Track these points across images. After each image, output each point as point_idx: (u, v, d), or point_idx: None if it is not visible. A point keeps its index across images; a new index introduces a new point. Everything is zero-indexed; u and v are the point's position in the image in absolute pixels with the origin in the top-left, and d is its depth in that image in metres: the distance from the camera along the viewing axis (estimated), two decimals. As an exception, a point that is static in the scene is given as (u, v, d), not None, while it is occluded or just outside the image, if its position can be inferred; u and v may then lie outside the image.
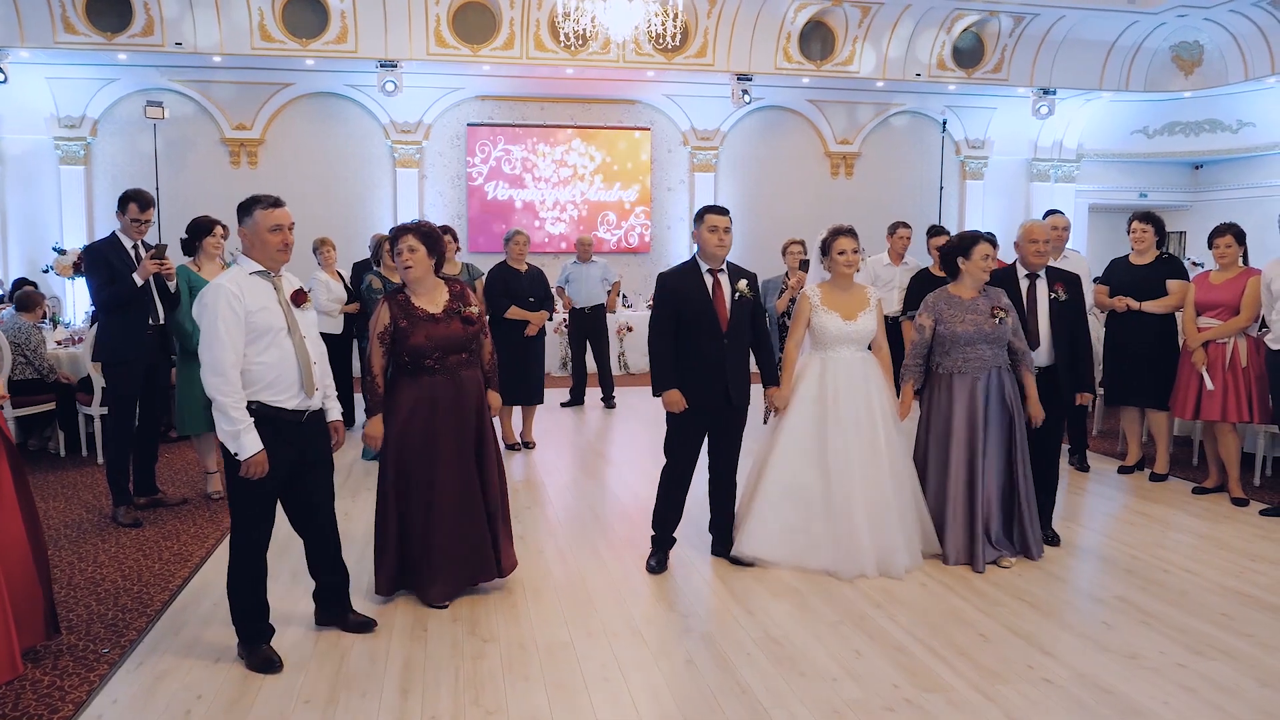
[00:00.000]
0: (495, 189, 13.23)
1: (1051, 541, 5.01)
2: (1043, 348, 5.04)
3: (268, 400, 3.50)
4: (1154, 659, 3.65)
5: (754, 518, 4.66)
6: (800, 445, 4.61)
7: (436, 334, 4.06)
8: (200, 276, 5.62)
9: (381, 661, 3.63)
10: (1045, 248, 5.07)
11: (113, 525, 5.32)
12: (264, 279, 3.58)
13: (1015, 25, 12.76)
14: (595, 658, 3.67)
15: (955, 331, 4.70)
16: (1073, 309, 5.08)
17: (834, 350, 4.71)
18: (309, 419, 3.65)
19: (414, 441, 4.09)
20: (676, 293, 4.59)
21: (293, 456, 3.59)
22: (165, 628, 3.93)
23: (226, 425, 3.41)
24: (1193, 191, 14.94)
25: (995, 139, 14.60)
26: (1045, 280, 5.10)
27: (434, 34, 11.78)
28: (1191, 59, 13.19)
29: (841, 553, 4.51)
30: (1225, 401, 5.82)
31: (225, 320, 3.40)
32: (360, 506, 5.82)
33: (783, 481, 4.60)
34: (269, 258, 3.58)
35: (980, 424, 4.67)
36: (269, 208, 3.59)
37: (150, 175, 12.09)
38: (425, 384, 4.09)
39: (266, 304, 3.52)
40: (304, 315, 3.66)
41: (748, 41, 12.44)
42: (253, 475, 3.43)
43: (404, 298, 4.11)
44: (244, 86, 12.54)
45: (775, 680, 3.48)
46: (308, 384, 3.56)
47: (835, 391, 4.63)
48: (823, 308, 4.71)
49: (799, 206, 13.76)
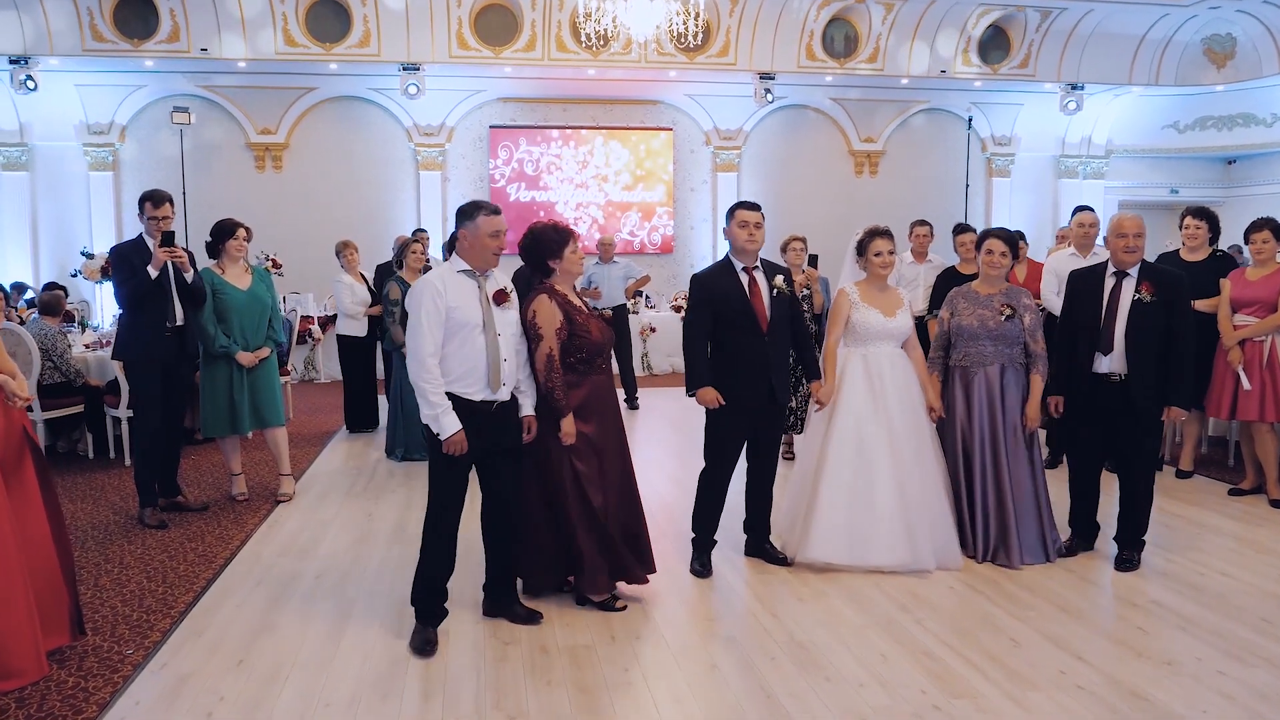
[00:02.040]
0: (518, 191, 13.25)
1: (1127, 567, 4.63)
2: (1116, 353, 4.57)
3: (458, 391, 3.70)
4: (1191, 666, 3.56)
5: (817, 522, 4.56)
6: (855, 443, 4.57)
7: (606, 332, 4.13)
8: (223, 278, 5.65)
9: (403, 664, 3.61)
10: (1135, 243, 4.54)
11: (139, 527, 5.34)
12: (470, 278, 3.78)
13: (1042, 19, 12.60)
14: (618, 661, 3.62)
15: (960, 325, 4.79)
16: (1163, 313, 4.49)
17: (875, 346, 4.69)
18: (498, 410, 3.80)
19: (597, 440, 4.06)
20: (713, 292, 4.54)
21: (483, 445, 3.76)
22: (189, 629, 3.92)
23: (427, 409, 3.66)
24: (1225, 187, 14.68)
25: (1022, 135, 14.43)
26: (1135, 280, 4.59)
27: (456, 36, 11.81)
28: (1224, 51, 12.97)
29: (904, 550, 4.50)
30: (1263, 401, 5.68)
31: (428, 313, 3.65)
32: (384, 507, 5.82)
33: (841, 482, 4.55)
34: (482, 260, 3.78)
35: (971, 420, 4.72)
36: (491, 214, 3.78)
37: (177, 180, 12.18)
38: (595, 382, 4.10)
39: (467, 301, 3.72)
40: (503, 314, 3.81)
41: (770, 40, 12.37)
42: (454, 453, 3.66)
43: (562, 294, 4.07)
44: (268, 91, 12.64)
45: (800, 685, 3.42)
46: (494, 379, 3.74)
47: (882, 387, 4.63)
48: (864, 304, 4.70)
49: (823, 206, 13.67)
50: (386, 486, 6.37)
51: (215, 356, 5.62)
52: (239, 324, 5.63)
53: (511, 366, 3.82)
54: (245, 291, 5.69)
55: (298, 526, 5.42)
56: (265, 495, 6.05)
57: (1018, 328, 4.71)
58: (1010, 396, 4.72)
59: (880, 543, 4.51)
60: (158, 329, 5.35)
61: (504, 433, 3.86)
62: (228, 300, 5.61)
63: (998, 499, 4.70)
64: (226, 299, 5.61)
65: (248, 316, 5.66)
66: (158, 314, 5.35)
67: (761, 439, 4.70)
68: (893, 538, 4.51)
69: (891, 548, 4.51)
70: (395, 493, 6.19)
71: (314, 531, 5.32)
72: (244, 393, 5.66)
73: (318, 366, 11.65)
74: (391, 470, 6.84)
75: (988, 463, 4.72)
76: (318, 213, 12.77)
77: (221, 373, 5.64)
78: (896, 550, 4.51)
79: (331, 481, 6.52)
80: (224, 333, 5.59)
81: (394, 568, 4.70)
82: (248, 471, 6.52)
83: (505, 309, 3.83)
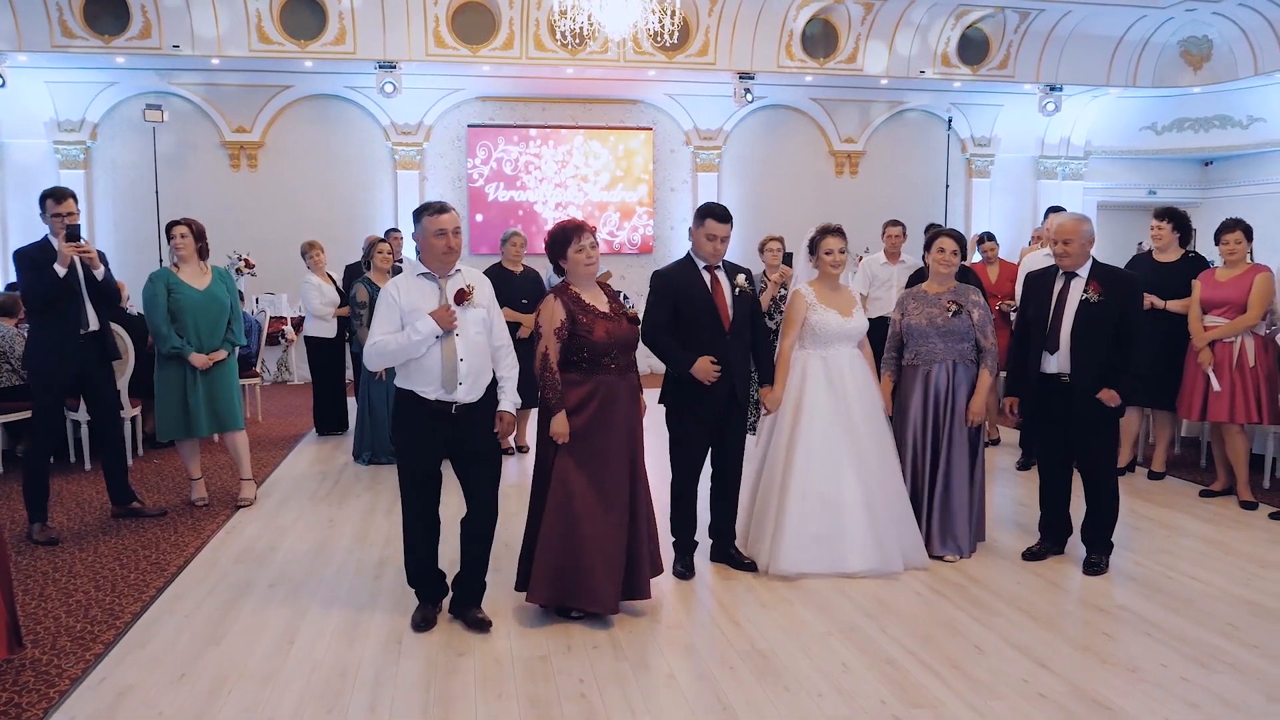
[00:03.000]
0: (496, 190, 13.14)
1: (1094, 570, 4.58)
2: (1062, 352, 4.56)
3: (414, 389, 3.77)
4: (1155, 672, 3.50)
5: (787, 531, 4.45)
6: (821, 449, 4.49)
7: (615, 331, 4.02)
8: (178, 277, 5.52)
9: (352, 676, 3.51)
10: (1065, 248, 4.54)
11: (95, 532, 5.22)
12: (430, 280, 3.82)
13: (1021, 21, 12.58)
14: (573, 672, 3.54)
15: (910, 325, 4.81)
16: (1112, 312, 4.48)
17: (834, 348, 4.62)
18: (461, 412, 3.79)
19: (595, 441, 3.94)
20: (676, 289, 4.47)
21: (447, 445, 3.82)
22: (133, 641, 3.81)
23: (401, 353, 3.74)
24: (1203, 188, 14.71)
25: (1001, 136, 14.41)
26: (1084, 280, 4.56)
27: (433, 34, 11.70)
28: (1200, 54, 12.98)
29: (874, 553, 4.45)
30: (1233, 402, 5.65)
31: (380, 315, 3.80)
32: (347, 513, 5.71)
33: (810, 489, 4.45)
34: (435, 260, 3.81)
35: (923, 416, 4.74)
36: (434, 214, 3.80)
37: (150, 179, 12.05)
38: (601, 382, 3.99)
39: (424, 303, 3.76)
40: (465, 313, 3.81)
41: (749, 40, 12.30)
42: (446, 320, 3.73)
43: (574, 293, 4.03)
44: (243, 89, 12.49)
45: (757, 695, 3.34)
46: (449, 379, 3.73)
47: (844, 389, 4.57)
48: (820, 305, 4.62)
49: (803, 206, 13.59)
50: (351, 491, 6.26)
51: (167, 357, 5.49)
52: (193, 324, 5.50)
53: (473, 366, 3.78)
54: (201, 291, 5.56)
55: (256, 532, 5.31)
56: (226, 500, 5.94)
57: (965, 324, 4.72)
58: (960, 393, 4.75)
59: (851, 548, 4.44)
60: (69, 338, 5.12)
61: (471, 435, 3.83)
62: (181, 300, 5.48)
63: (944, 493, 4.71)
64: (180, 298, 5.48)
65: (203, 317, 5.53)
66: (70, 320, 5.12)
67: (726, 443, 4.62)
68: (862, 542, 4.44)
69: (862, 553, 4.44)
70: (360, 498, 6.09)
71: (272, 538, 5.21)
72: (199, 395, 5.53)
73: (290, 368, 11.51)
74: (358, 474, 6.73)
75: (939, 458, 4.73)
76: (293, 212, 12.63)
77: (175, 374, 5.52)
78: (867, 555, 4.45)
79: (296, 485, 6.41)
80: (178, 333, 5.47)
81: (351, 575, 4.61)
82: (210, 476, 6.42)
83: (469, 308, 3.80)
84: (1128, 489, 6.17)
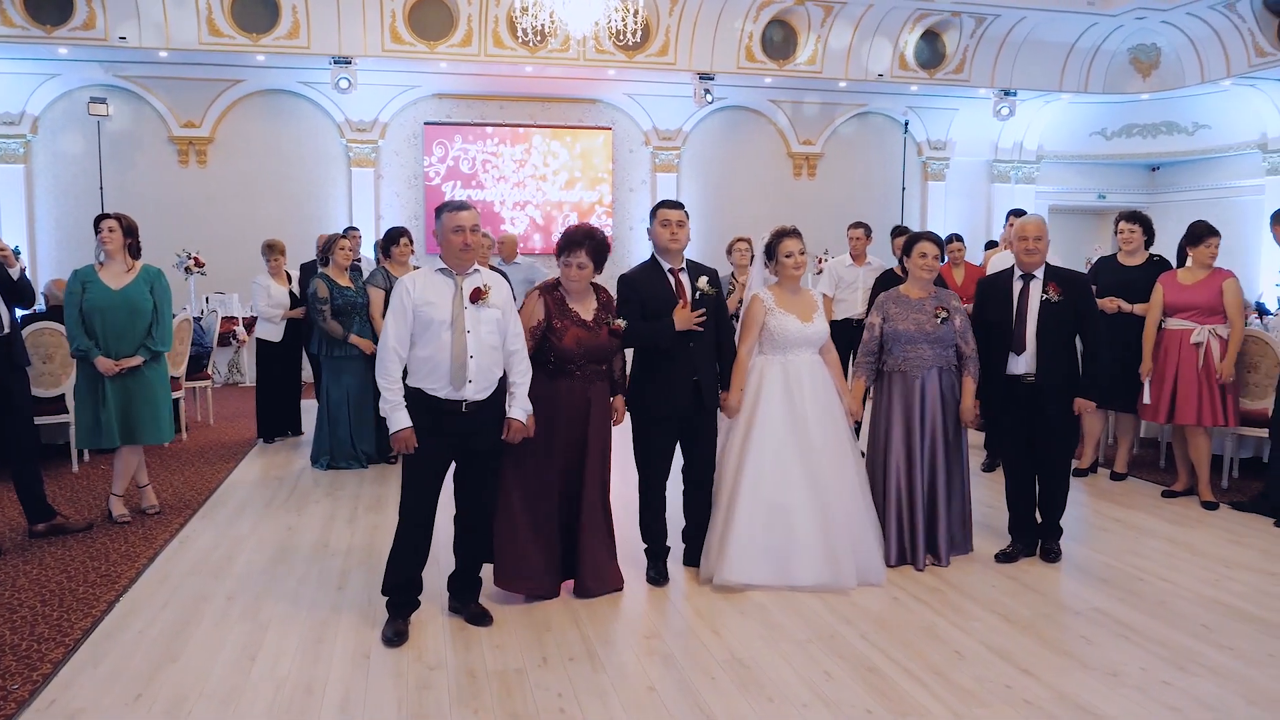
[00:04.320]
0: (453, 189, 12.94)
1: (1053, 558, 4.78)
2: (1028, 354, 4.66)
3: (424, 387, 3.77)
4: (1136, 676, 3.50)
5: (734, 542, 4.34)
6: (775, 459, 4.38)
7: (586, 341, 4.11)
8: (94, 274, 5.20)
9: (319, 693, 3.37)
10: (1035, 245, 4.65)
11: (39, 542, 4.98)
12: (446, 276, 3.83)
13: (977, 26, 12.72)
14: (550, 686, 3.43)
15: (897, 330, 4.72)
16: (1068, 312, 4.63)
17: (794, 354, 4.52)
18: (470, 410, 3.78)
19: (550, 445, 4.11)
20: (642, 292, 4.41)
21: (454, 444, 3.81)
22: (84, 659, 3.62)
23: (382, 404, 3.76)
24: (1150, 193, 15.02)
25: (957, 140, 14.57)
26: (1041, 282, 4.68)
27: (389, 30, 11.48)
28: (1149, 61, 13.25)
29: (825, 567, 4.33)
30: (1200, 405, 5.72)
31: (394, 309, 3.78)
32: (306, 520, 5.53)
33: (761, 499, 4.34)
34: (453, 257, 3.82)
35: (916, 423, 4.68)
36: (453, 211, 3.83)
37: (94, 174, 11.66)
38: (561, 388, 4.12)
39: (438, 299, 3.77)
40: (478, 312, 3.80)
41: (709, 40, 12.27)
42: (399, 449, 3.75)
43: (560, 296, 4.14)
44: (192, 83, 12.13)
45: (742, 707, 3.27)
46: (457, 377, 3.73)
47: (801, 397, 4.46)
48: (779, 310, 4.51)
49: (762, 207, 13.61)
50: (310, 497, 6.07)
51: (81, 360, 5.17)
52: (102, 327, 5.14)
53: (483, 364, 3.78)
54: (117, 292, 5.19)
55: (211, 542, 5.11)
56: (179, 507, 5.72)
57: (951, 330, 4.69)
58: (948, 400, 4.72)
59: (800, 561, 4.32)
60: None
61: (478, 433, 3.85)
62: (92, 299, 5.13)
63: (945, 500, 4.68)
64: (91, 298, 5.13)
65: (113, 319, 5.16)
66: None
67: (697, 447, 4.56)
68: (813, 555, 4.32)
69: (812, 567, 4.32)
70: (319, 504, 5.90)
71: (229, 547, 5.02)
72: (110, 403, 5.18)
73: (242, 369, 11.22)
74: (316, 479, 6.54)
75: (936, 466, 4.68)
76: (245, 209, 12.31)
77: (87, 378, 5.20)
78: (818, 569, 4.33)
79: (251, 492, 6.20)
80: (87, 334, 5.15)
81: (314, 586, 4.45)
82: (159, 481, 6.19)
83: (482, 307, 3.81)
84: (1092, 490, 6.27)
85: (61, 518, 5.27)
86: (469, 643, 3.80)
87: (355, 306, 6.79)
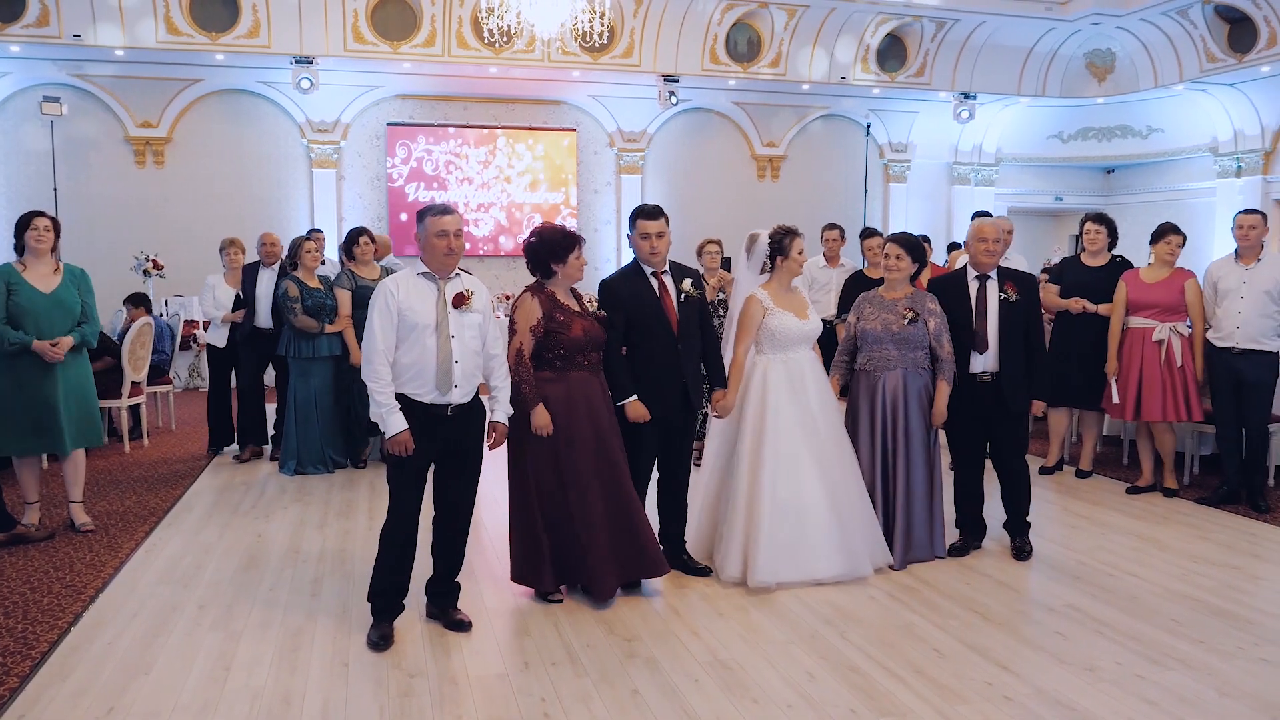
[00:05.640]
0: (416, 190, 12.84)
1: (1024, 555, 4.84)
2: (990, 352, 4.77)
3: (408, 392, 3.74)
4: (1112, 671, 3.55)
5: (763, 544, 4.35)
6: (790, 457, 4.42)
7: (591, 330, 4.16)
8: (21, 276, 4.99)
9: (298, 703, 3.31)
10: (995, 247, 4.79)
11: None
12: (429, 280, 3.80)
13: (937, 30, 12.88)
14: (533, 691, 3.40)
15: (865, 330, 4.78)
16: (1025, 311, 4.79)
17: (794, 351, 4.57)
18: (454, 414, 3.78)
19: (567, 437, 4.09)
20: (625, 297, 4.40)
21: (438, 447, 3.80)
22: (52, 673, 3.52)
23: (375, 409, 3.72)
24: (1105, 195, 15.32)
25: (917, 143, 14.76)
26: (997, 282, 4.82)
27: (351, 30, 11.36)
28: (1104, 66, 13.52)
29: (842, 558, 4.40)
30: (1164, 401, 5.84)
31: (380, 314, 3.72)
32: (275, 527, 5.44)
33: (779, 499, 4.38)
34: (436, 261, 3.79)
35: (877, 423, 4.72)
36: (436, 215, 3.80)
37: (47, 175, 11.42)
38: (575, 379, 4.13)
39: (422, 304, 3.74)
40: (462, 317, 3.80)
41: (674, 42, 12.30)
42: (398, 453, 3.71)
43: (550, 294, 4.15)
44: (149, 82, 11.92)
45: (726, 709, 3.27)
46: (443, 381, 3.72)
47: (805, 392, 4.52)
48: (778, 309, 4.55)
49: (726, 209, 13.68)
50: (278, 503, 5.97)
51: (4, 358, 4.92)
52: (34, 329, 4.93)
53: (467, 369, 3.79)
54: (48, 295, 5.01)
55: (179, 550, 5.00)
56: (144, 516, 5.60)
57: (921, 332, 4.71)
58: (912, 401, 4.72)
59: (819, 555, 4.39)
60: None
61: (461, 437, 3.85)
62: (23, 302, 4.92)
63: (904, 501, 4.69)
64: (22, 300, 4.93)
65: (47, 322, 4.97)
66: None
67: (674, 448, 4.56)
68: (830, 548, 4.40)
69: (829, 559, 4.40)
70: (288, 510, 5.81)
71: (197, 556, 4.92)
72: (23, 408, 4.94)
73: (202, 374, 11.01)
74: (284, 485, 6.44)
75: (892, 466, 4.71)
76: (204, 211, 12.10)
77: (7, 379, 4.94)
78: (834, 561, 4.41)
79: (218, 498, 6.09)
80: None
81: (286, 593, 4.37)
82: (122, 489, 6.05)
83: (465, 312, 3.81)
84: (1058, 488, 6.37)
85: (23, 527, 5.12)
86: (449, 649, 3.76)
87: (324, 308, 6.70)
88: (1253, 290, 5.63)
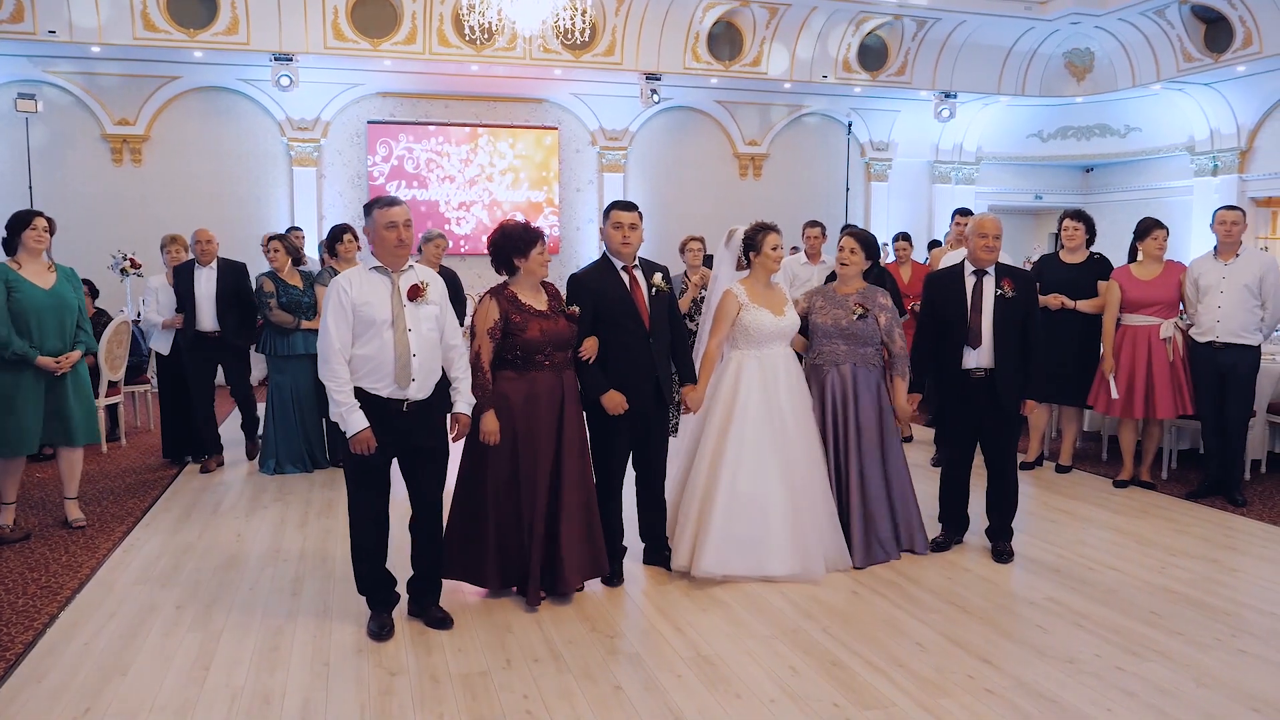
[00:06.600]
0: (398, 189, 12.76)
1: (1005, 559, 4.78)
2: (984, 348, 4.72)
3: (366, 387, 3.71)
4: (1091, 663, 3.58)
5: (712, 534, 4.35)
6: (753, 452, 4.41)
7: (550, 330, 4.10)
8: (20, 275, 4.95)
9: (278, 703, 3.28)
10: (995, 243, 4.74)
11: (-29, 556, 4.79)
12: (382, 274, 3.77)
13: (918, 29, 12.93)
14: (515, 688, 3.39)
15: (816, 323, 4.78)
16: (1022, 308, 4.73)
17: (768, 348, 4.56)
18: (413, 409, 3.75)
19: (526, 436, 4.08)
20: (594, 292, 4.37)
21: (397, 442, 3.77)
22: (27, 674, 3.48)
23: (334, 407, 3.69)
24: (1084, 194, 15.42)
25: (899, 141, 14.80)
26: (994, 278, 4.78)
27: (331, 26, 11.28)
28: (1083, 65, 13.60)
29: (796, 559, 4.38)
30: (1174, 397, 5.88)
31: (333, 312, 3.69)
32: (255, 526, 5.40)
33: (738, 492, 4.37)
34: (387, 254, 3.76)
35: (829, 418, 4.71)
36: (384, 207, 3.77)
37: (22, 173, 11.26)
38: (537, 379, 4.10)
39: (376, 298, 3.71)
40: (417, 310, 3.76)
41: (656, 40, 12.29)
42: (360, 451, 3.67)
43: (511, 293, 4.12)
44: (126, 79, 11.78)
45: (709, 704, 3.27)
46: (401, 375, 3.70)
47: (776, 390, 4.51)
48: (753, 305, 4.54)
49: (708, 207, 13.68)
50: (258, 502, 5.93)
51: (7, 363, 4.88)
52: (38, 328, 4.93)
53: (425, 362, 3.77)
54: (47, 292, 5.00)
55: (157, 550, 4.96)
56: (121, 516, 5.54)
57: (871, 327, 4.71)
58: (863, 396, 4.71)
59: (774, 552, 4.38)
60: None
61: (422, 432, 3.82)
62: (25, 301, 4.90)
63: (859, 497, 4.66)
64: (23, 299, 4.90)
65: (49, 319, 4.98)
66: None
67: (651, 444, 4.55)
68: (786, 547, 4.39)
69: (784, 557, 4.38)
70: (268, 509, 5.77)
71: (175, 555, 4.87)
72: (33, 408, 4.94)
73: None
74: (263, 484, 6.39)
75: (844, 461, 4.69)
76: (182, 210, 11.95)
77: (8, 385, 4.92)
78: (789, 560, 4.39)
79: (196, 498, 6.03)
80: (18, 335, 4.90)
81: (266, 593, 4.34)
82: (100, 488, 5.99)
83: (421, 304, 3.78)
84: (1039, 483, 6.41)
85: None
86: (430, 646, 3.74)
87: (301, 305, 6.65)
88: (1232, 285, 5.69)
